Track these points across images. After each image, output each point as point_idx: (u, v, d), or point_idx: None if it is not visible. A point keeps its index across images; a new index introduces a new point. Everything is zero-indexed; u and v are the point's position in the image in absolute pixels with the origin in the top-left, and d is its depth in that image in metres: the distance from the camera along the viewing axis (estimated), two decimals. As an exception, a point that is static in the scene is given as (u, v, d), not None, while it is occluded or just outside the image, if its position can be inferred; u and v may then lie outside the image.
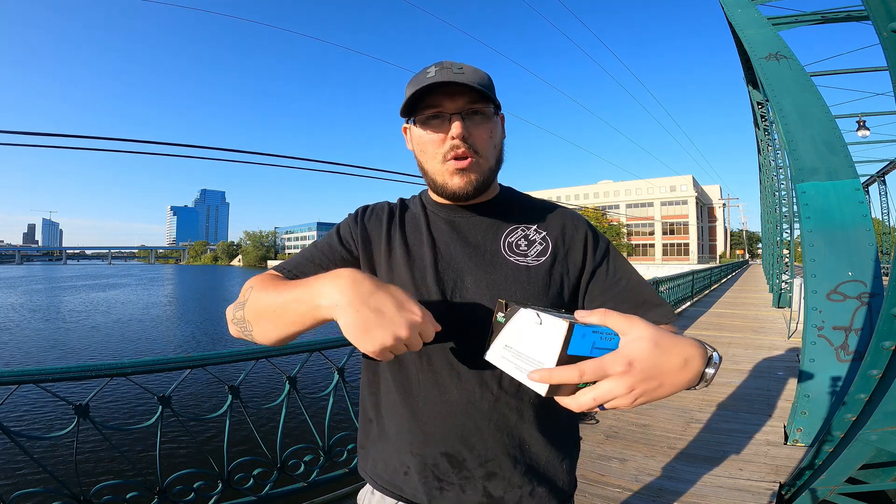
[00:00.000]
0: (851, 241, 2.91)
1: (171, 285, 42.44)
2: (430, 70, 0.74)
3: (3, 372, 1.57)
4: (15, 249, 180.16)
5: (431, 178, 0.79)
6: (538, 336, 0.54)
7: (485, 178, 0.78)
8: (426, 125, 0.76)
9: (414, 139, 0.80)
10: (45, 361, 11.03)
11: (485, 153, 0.77)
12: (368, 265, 0.83)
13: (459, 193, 0.77)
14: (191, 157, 6.68)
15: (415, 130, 0.78)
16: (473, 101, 0.74)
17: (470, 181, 0.76)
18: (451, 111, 0.74)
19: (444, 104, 0.74)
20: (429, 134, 0.76)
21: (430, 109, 0.74)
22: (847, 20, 4.70)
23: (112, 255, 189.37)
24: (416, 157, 0.82)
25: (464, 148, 0.74)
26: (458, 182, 0.76)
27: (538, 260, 0.80)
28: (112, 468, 4.56)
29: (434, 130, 0.75)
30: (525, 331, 0.57)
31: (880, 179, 18.62)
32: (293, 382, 2.21)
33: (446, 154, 0.75)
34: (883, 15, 1.40)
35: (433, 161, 0.77)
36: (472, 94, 0.73)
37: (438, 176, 0.77)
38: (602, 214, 64.21)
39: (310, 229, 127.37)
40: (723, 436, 3.05)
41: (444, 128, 0.74)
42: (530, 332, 0.56)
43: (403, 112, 0.77)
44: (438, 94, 0.73)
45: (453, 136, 0.73)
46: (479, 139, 0.75)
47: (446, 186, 0.77)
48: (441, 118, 0.74)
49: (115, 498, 1.79)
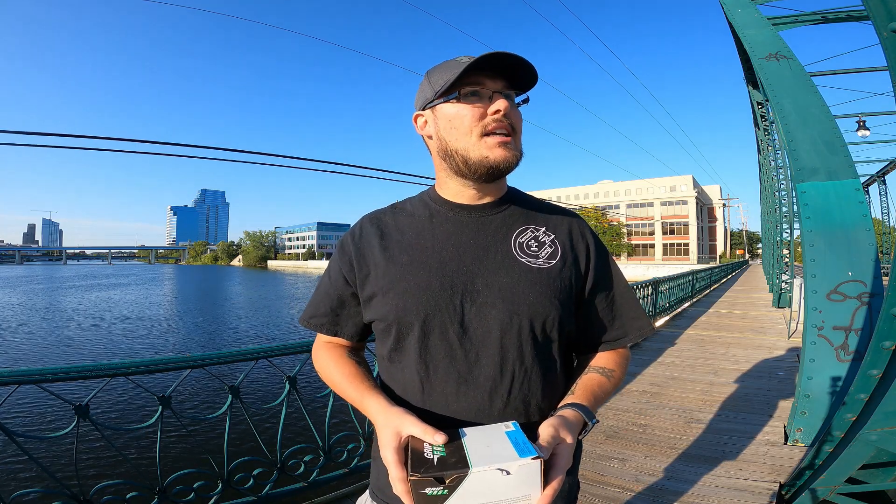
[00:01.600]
0: (851, 241, 2.90)
1: (171, 285, 42.43)
2: (463, 58, 0.74)
3: (3, 372, 1.57)
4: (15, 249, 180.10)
5: (463, 155, 0.75)
6: (510, 482, 0.55)
7: (517, 159, 0.76)
8: (465, 100, 0.74)
9: (444, 118, 0.76)
10: (45, 361, 11.04)
11: (519, 135, 0.77)
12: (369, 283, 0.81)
13: (503, 165, 0.74)
14: (191, 157, 6.67)
15: (446, 109, 0.76)
16: (510, 87, 0.75)
17: (513, 155, 0.75)
18: (492, 89, 0.74)
19: (485, 83, 0.74)
20: (467, 109, 0.74)
21: (471, 87, 0.74)
22: (847, 20, 4.70)
23: (112, 256, 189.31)
24: (438, 139, 0.79)
25: (506, 122, 0.74)
26: (500, 153, 0.73)
27: (549, 262, 0.79)
28: (112, 468, 4.55)
29: (475, 105, 0.74)
30: (491, 483, 0.54)
31: (880, 179, 18.62)
32: (293, 382, 2.21)
33: (487, 126, 0.73)
34: (883, 15, 1.40)
35: (468, 137, 0.74)
36: (508, 79, 0.74)
37: (474, 150, 0.74)
38: (602, 214, 64.21)
39: (310, 229, 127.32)
40: (723, 436, 3.05)
41: (483, 104, 0.74)
42: (499, 482, 0.54)
43: (442, 93, 0.75)
44: (479, 74, 0.73)
45: (499, 108, 0.72)
46: (515, 120, 0.76)
47: (486, 160, 0.74)
48: (481, 96, 0.74)
49: (115, 498, 1.79)
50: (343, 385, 0.81)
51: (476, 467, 0.53)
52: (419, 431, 0.62)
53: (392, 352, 0.79)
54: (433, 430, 0.62)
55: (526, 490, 0.55)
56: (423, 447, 0.60)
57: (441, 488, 0.53)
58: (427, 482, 0.54)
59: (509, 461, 0.54)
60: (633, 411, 3.54)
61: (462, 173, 0.77)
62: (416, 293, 0.76)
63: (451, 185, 0.82)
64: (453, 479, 0.53)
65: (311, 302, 0.90)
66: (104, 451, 4.62)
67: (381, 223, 0.85)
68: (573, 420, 0.69)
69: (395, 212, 0.87)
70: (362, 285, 0.81)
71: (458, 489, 0.53)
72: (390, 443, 0.63)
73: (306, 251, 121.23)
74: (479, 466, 0.54)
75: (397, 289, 0.77)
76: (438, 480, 0.53)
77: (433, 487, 0.53)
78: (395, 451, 0.62)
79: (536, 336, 0.75)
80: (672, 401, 3.79)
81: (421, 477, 0.54)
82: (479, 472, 0.53)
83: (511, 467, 0.54)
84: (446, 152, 0.77)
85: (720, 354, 5.59)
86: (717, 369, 4.85)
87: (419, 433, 0.62)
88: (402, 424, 0.65)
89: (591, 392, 0.77)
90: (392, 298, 0.77)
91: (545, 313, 0.75)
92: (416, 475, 0.54)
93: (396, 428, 0.65)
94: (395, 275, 0.78)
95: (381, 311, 0.79)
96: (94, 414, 1.74)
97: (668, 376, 4.58)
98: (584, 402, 0.74)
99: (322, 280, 0.89)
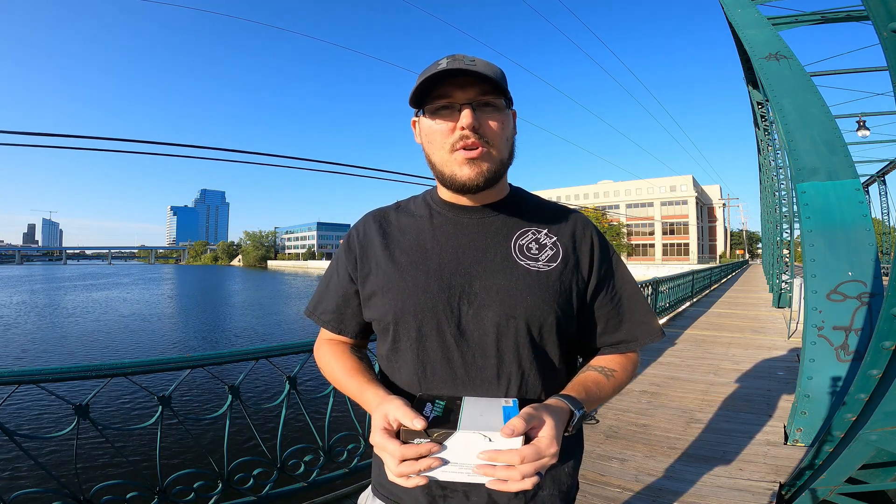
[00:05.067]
0: (851, 241, 2.90)
1: (170, 285, 42.44)
2: (442, 62, 0.73)
3: (3, 372, 1.57)
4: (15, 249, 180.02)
5: (439, 170, 0.76)
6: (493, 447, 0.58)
7: (496, 169, 0.75)
8: (435, 115, 0.73)
9: (423, 130, 0.77)
10: (45, 361, 11.03)
11: (496, 144, 0.74)
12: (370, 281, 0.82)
13: (469, 185, 0.73)
14: (191, 157, 6.67)
15: (424, 121, 0.76)
16: (484, 93, 0.72)
17: (481, 171, 0.73)
18: (461, 101, 0.72)
19: (455, 94, 0.72)
20: (438, 124, 0.73)
21: (440, 100, 0.73)
22: (847, 20, 4.70)
23: (112, 256, 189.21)
24: (424, 150, 0.79)
25: (474, 138, 0.71)
26: (467, 172, 0.73)
27: (549, 265, 0.78)
28: (112, 468, 4.55)
29: (443, 120, 0.73)
30: (473, 447, 0.58)
31: (880, 179, 18.62)
32: (293, 382, 2.21)
33: (455, 144, 0.72)
34: (883, 15, 1.40)
35: (441, 152, 0.74)
36: (484, 85, 0.72)
37: (446, 167, 0.74)
38: (602, 214, 64.17)
39: (310, 229, 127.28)
40: (723, 436, 3.05)
41: (453, 118, 0.72)
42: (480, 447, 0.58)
43: (412, 102, 0.75)
44: (449, 85, 0.72)
45: (463, 125, 0.71)
46: (489, 130, 0.73)
47: (455, 178, 0.74)
48: (451, 108, 0.72)
49: (115, 498, 1.79)
50: (344, 380, 0.81)
51: (462, 430, 0.58)
52: (403, 414, 0.62)
53: (390, 352, 0.80)
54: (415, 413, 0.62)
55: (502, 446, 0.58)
56: None
57: (421, 438, 0.59)
58: (416, 434, 0.59)
59: (494, 430, 0.58)
60: (633, 411, 3.54)
61: (444, 185, 0.78)
62: (413, 294, 0.76)
63: (446, 189, 0.82)
64: (440, 434, 0.58)
65: (317, 294, 0.91)
66: (104, 451, 4.63)
67: (385, 222, 0.86)
68: (555, 406, 0.68)
69: (398, 211, 0.88)
70: (363, 283, 0.82)
71: (442, 445, 0.58)
72: (379, 424, 0.64)
73: (306, 251, 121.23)
74: (465, 429, 0.58)
75: (396, 289, 0.78)
76: (427, 433, 0.58)
77: (421, 438, 0.59)
78: (383, 431, 0.62)
79: (534, 339, 0.75)
80: (672, 401, 3.79)
81: (411, 428, 0.59)
82: (463, 434, 0.58)
83: (494, 436, 0.57)
84: (430, 164, 0.78)
85: (720, 354, 5.59)
86: (717, 369, 4.85)
87: (403, 416, 0.61)
88: (389, 409, 0.64)
89: (583, 386, 0.76)
90: (390, 299, 0.78)
91: (542, 316, 0.75)
92: (407, 427, 0.60)
93: (384, 411, 0.65)
94: (394, 275, 0.79)
95: (379, 311, 0.80)
96: (94, 414, 1.74)
97: (668, 376, 4.58)
98: (571, 393, 0.73)
99: (329, 274, 0.90)
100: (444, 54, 0.76)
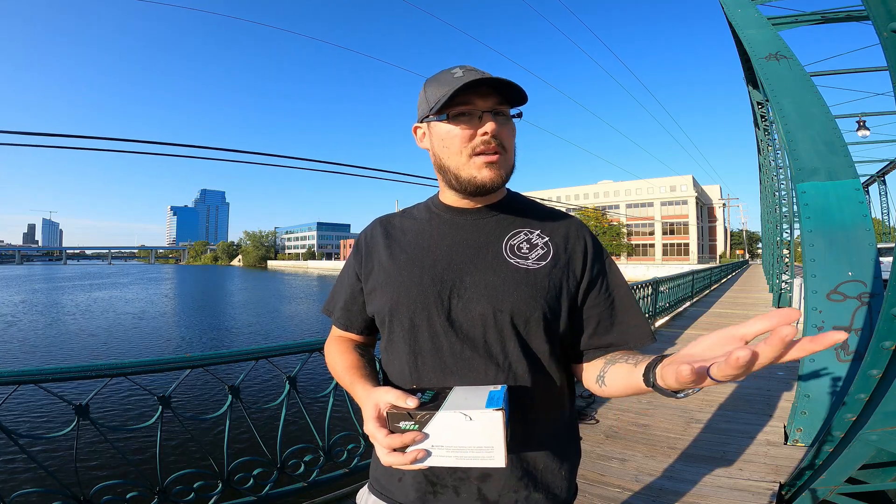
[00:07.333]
0: (851, 241, 2.90)
1: (170, 284, 42.44)
2: (457, 71, 0.77)
3: (3, 372, 1.57)
4: (15, 249, 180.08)
5: (455, 173, 0.80)
6: (473, 429, 0.60)
7: (508, 174, 0.81)
8: (455, 121, 0.77)
9: (437, 135, 0.81)
10: (45, 361, 11.03)
11: (510, 151, 0.80)
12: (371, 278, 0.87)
13: (489, 185, 0.79)
14: (191, 157, 6.67)
15: (440, 127, 0.80)
16: (501, 103, 0.77)
17: (499, 174, 0.79)
18: (482, 109, 0.76)
19: (476, 102, 0.76)
20: (458, 129, 0.77)
21: (461, 106, 0.76)
22: (847, 20, 4.70)
23: (112, 255, 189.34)
24: (434, 154, 0.83)
25: (494, 143, 0.77)
26: (487, 174, 0.78)
27: (538, 263, 0.80)
28: (112, 468, 4.55)
29: (464, 126, 0.77)
30: (455, 429, 0.60)
31: (880, 179, 18.64)
32: (293, 382, 2.21)
33: (476, 148, 0.77)
34: (883, 15, 1.40)
35: (458, 156, 0.79)
36: (500, 95, 0.77)
37: (464, 170, 0.79)
38: (602, 214, 64.19)
39: (310, 229, 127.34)
40: (723, 436, 3.05)
41: (473, 124, 0.77)
42: (462, 429, 0.60)
43: (435, 109, 0.78)
44: (470, 93, 0.75)
45: (486, 131, 0.76)
46: (505, 138, 0.78)
47: (474, 180, 0.79)
48: (471, 115, 0.77)
49: (115, 498, 1.79)
50: (342, 374, 0.85)
51: (443, 410, 0.61)
52: (394, 397, 0.65)
53: (387, 344, 0.84)
54: (405, 394, 0.65)
55: (489, 441, 0.59)
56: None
57: (412, 423, 0.61)
58: (401, 416, 0.62)
59: (474, 409, 0.60)
60: (633, 411, 3.54)
61: (454, 187, 0.83)
62: (408, 288, 0.80)
63: (449, 194, 0.87)
64: (423, 416, 0.61)
65: (331, 293, 0.99)
66: (104, 451, 4.62)
67: (390, 225, 0.92)
68: None
69: (402, 215, 0.95)
70: (366, 280, 0.88)
71: (426, 427, 0.61)
72: (371, 414, 0.66)
73: (306, 251, 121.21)
74: (446, 409, 0.61)
75: (393, 284, 0.83)
76: (411, 416, 0.61)
77: (406, 422, 0.62)
78: (375, 420, 0.65)
79: (520, 333, 0.77)
80: (672, 401, 3.79)
81: (397, 411, 0.62)
82: (445, 413, 0.60)
83: (474, 415, 0.59)
84: (440, 167, 0.83)
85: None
86: (717, 369, 4.84)
87: (394, 398, 0.65)
88: (379, 396, 0.68)
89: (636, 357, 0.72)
90: (387, 293, 0.83)
91: (528, 311, 0.77)
92: (395, 410, 0.62)
93: (375, 400, 0.68)
94: (392, 271, 0.84)
95: (377, 305, 0.85)
96: (94, 414, 1.74)
97: (668, 376, 4.57)
98: None
99: (342, 274, 0.97)
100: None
